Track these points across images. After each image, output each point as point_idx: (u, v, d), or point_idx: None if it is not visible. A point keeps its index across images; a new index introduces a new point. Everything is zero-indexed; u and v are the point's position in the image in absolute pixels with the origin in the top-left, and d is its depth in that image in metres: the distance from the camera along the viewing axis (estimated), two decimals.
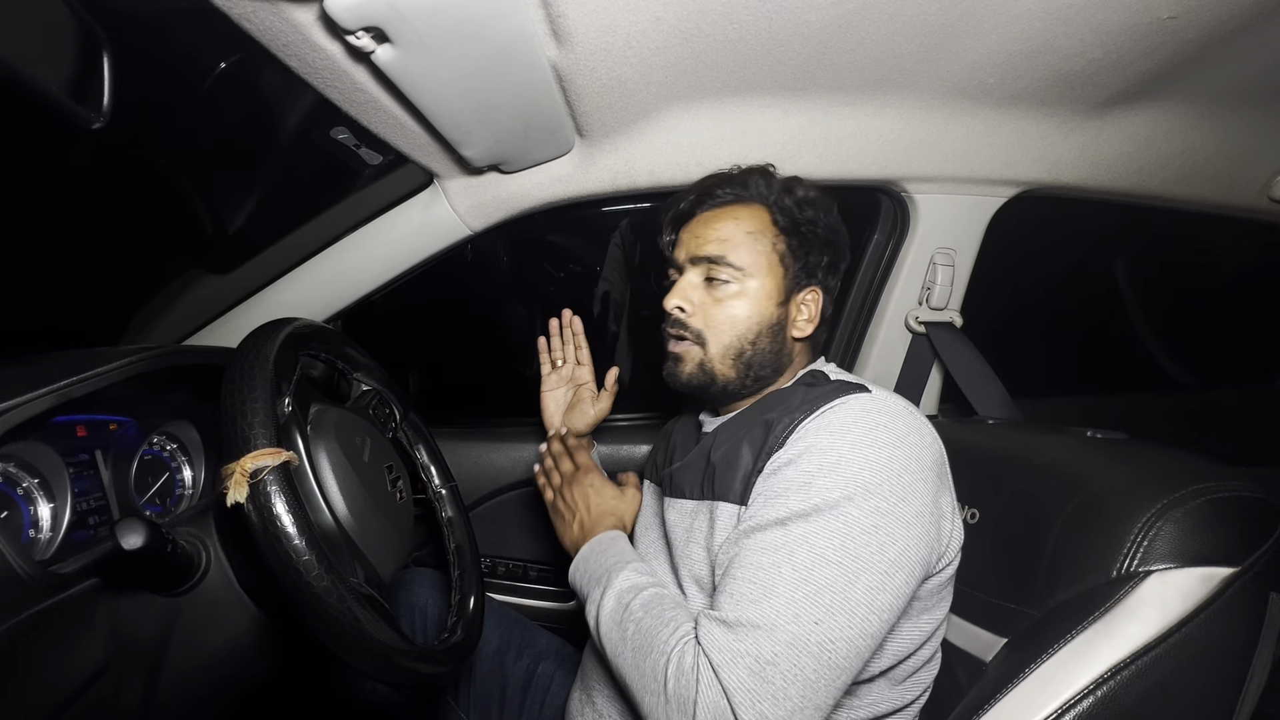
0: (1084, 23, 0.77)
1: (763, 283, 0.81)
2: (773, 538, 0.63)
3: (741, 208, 0.84)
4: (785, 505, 0.64)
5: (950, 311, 1.18)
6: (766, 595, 0.60)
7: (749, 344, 0.81)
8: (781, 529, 0.63)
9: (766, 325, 0.81)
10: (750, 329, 0.81)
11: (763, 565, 0.62)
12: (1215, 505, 0.62)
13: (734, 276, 0.81)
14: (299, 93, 0.97)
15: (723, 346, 0.81)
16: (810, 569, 0.60)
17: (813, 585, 0.60)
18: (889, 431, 0.67)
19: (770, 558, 0.62)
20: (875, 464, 0.64)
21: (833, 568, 0.60)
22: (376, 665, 0.60)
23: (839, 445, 0.66)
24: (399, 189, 1.05)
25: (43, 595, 0.55)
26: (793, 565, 0.61)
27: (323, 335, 0.79)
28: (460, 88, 0.72)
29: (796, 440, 0.69)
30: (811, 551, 0.61)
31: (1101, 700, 0.57)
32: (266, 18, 0.61)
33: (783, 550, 0.62)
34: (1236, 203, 1.21)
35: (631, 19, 0.70)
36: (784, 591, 0.60)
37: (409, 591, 1.03)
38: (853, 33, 0.78)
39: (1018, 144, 1.03)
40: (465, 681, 0.99)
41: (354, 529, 0.69)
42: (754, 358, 0.81)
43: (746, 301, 0.81)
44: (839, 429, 0.67)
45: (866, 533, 0.62)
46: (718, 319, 0.81)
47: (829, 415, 0.69)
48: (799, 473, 0.66)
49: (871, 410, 0.69)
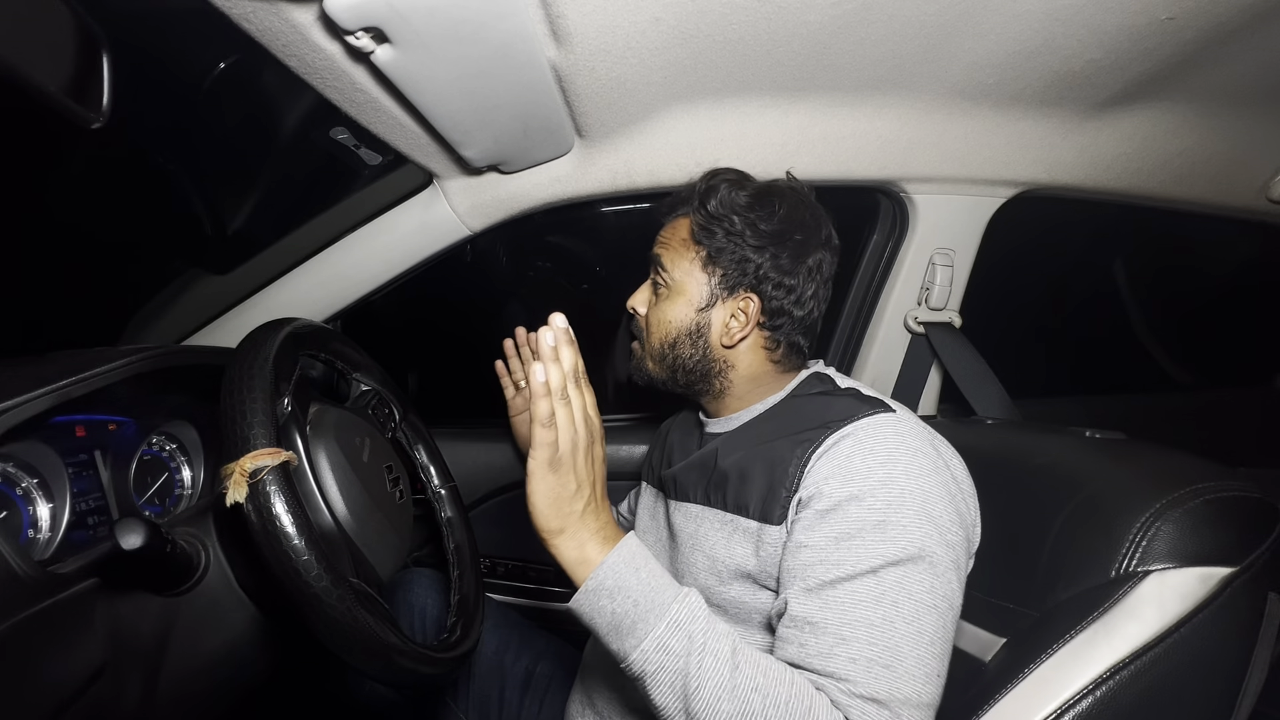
0: (1083, 23, 0.77)
1: (684, 290, 0.81)
2: (869, 589, 0.61)
3: (684, 216, 0.85)
4: (868, 550, 0.62)
5: (949, 312, 1.18)
6: (896, 658, 0.58)
7: (669, 348, 0.82)
8: (875, 579, 0.61)
9: (684, 332, 0.81)
10: (669, 333, 0.82)
11: (874, 623, 0.59)
12: (1214, 505, 0.62)
13: (664, 281, 0.83)
14: (299, 93, 0.97)
15: (651, 348, 0.85)
16: (919, 619, 0.60)
17: (926, 637, 0.60)
18: (926, 457, 0.67)
19: (879, 612, 0.60)
20: (932, 494, 0.65)
21: (933, 614, 0.60)
22: (376, 665, 0.60)
23: (895, 477, 0.65)
24: (398, 189, 1.05)
25: (42, 595, 0.55)
26: (904, 619, 0.60)
27: (322, 335, 0.79)
28: (459, 88, 0.73)
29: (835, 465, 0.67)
30: (912, 600, 0.60)
31: (1101, 700, 0.57)
32: (266, 18, 0.61)
33: (886, 602, 0.60)
34: (1235, 203, 1.21)
35: (631, 19, 0.70)
36: (909, 651, 0.59)
37: (408, 592, 1.03)
38: (852, 33, 0.78)
39: (1017, 144, 1.03)
40: (464, 682, 0.99)
41: (353, 529, 0.69)
42: (676, 362, 0.83)
43: (670, 306, 0.82)
44: (887, 459, 0.66)
45: (947, 569, 0.62)
46: (650, 321, 0.85)
47: (861, 436, 0.68)
48: (868, 510, 0.64)
49: (905, 434, 0.68)
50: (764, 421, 0.80)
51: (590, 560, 0.61)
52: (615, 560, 0.60)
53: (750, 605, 0.72)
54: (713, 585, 0.75)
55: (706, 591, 0.76)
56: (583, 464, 0.61)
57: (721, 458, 0.79)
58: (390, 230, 1.06)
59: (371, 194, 1.07)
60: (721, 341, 0.81)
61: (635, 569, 0.61)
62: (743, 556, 0.72)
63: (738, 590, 0.73)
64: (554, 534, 0.61)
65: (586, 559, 0.61)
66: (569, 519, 0.61)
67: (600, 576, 0.60)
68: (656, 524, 0.91)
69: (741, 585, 0.73)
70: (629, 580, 0.60)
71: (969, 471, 0.73)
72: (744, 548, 0.72)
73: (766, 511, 0.71)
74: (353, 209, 1.08)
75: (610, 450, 1.30)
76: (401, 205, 1.05)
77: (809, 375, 0.83)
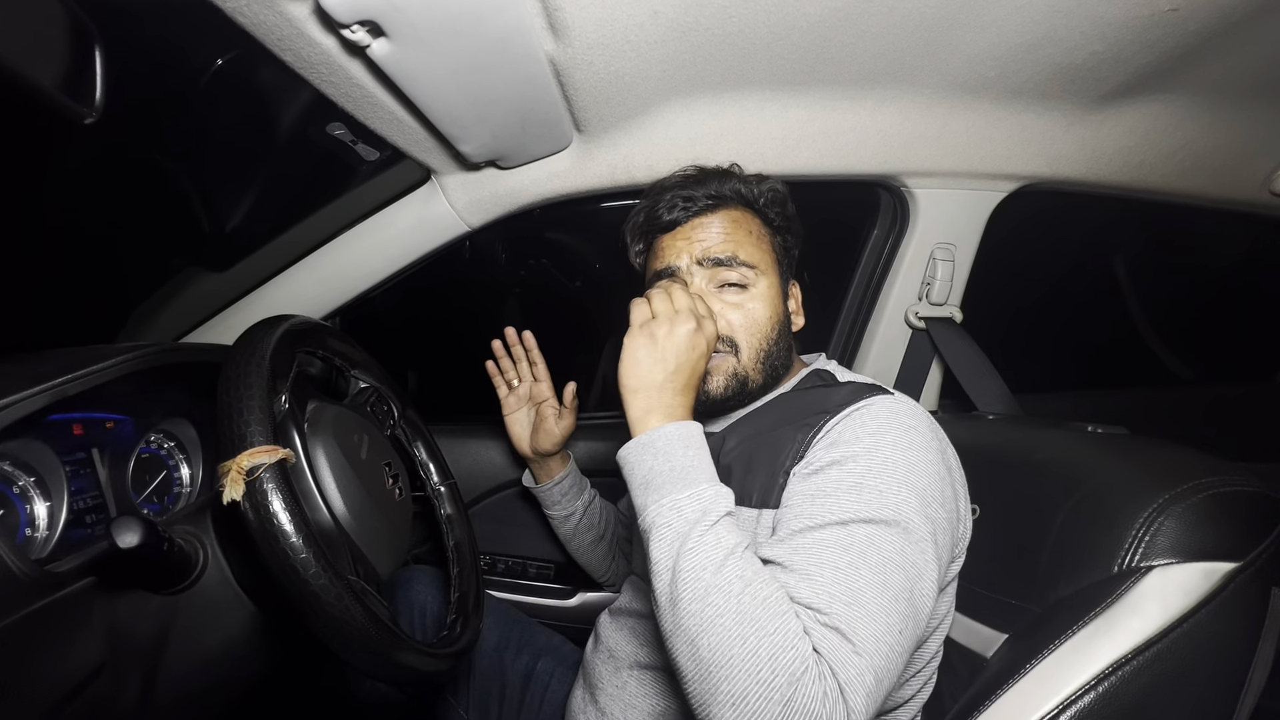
0: (1085, 15, 0.76)
1: (771, 280, 0.81)
2: (836, 536, 0.60)
3: (732, 209, 0.83)
4: (840, 506, 0.62)
5: (950, 307, 1.18)
6: (858, 599, 0.56)
7: (772, 344, 0.80)
8: (844, 529, 0.60)
9: (779, 322, 0.81)
10: (772, 328, 0.80)
11: (839, 565, 0.58)
12: (1216, 500, 0.61)
13: (747, 277, 0.79)
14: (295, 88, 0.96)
15: (754, 351, 0.79)
16: (884, 572, 0.58)
17: (890, 590, 0.57)
18: (920, 435, 0.67)
19: (843, 557, 0.58)
20: (917, 465, 0.64)
21: (900, 573, 0.59)
22: (375, 663, 0.60)
23: (881, 446, 0.64)
24: (396, 185, 1.04)
25: (39, 594, 0.54)
26: (869, 566, 0.58)
27: (320, 332, 0.79)
28: (457, 82, 0.72)
29: (831, 441, 0.68)
30: (880, 555, 0.59)
31: (1103, 696, 0.57)
32: (260, 11, 0.60)
33: (854, 550, 0.59)
34: (1237, 197, 1.21)
35: (629, 13, 0.70)
36: (872, 597, 0.57)
37: (408, 589, 1.03)
38: (852, 26, 0.77)
39: (1018, 138, 1.03)
40: (464, 679, 0.99)
41: (352, 526, 0.69)
42: (775, 357, 0.80)
43: (764, 302, 0.79)
44: (876, 430, 0.66)
45: (921, 540, 0.61)
46: (744, 324, 0.78)
47: (859, 415, 0.68)
48: (846, 474, 0.63)
49: (900, 413, 0.68)
50: (764, 413, 0.80)
51: (650, 423, 0.66)
52: (672, 431, 0.64)
53: None
54: None
55: None
56: (681, 345, 0.67)
57: (724, 453, 0.78)
58: (388, 226, 1.06)
59: (369, 190, 1.07)
60: (794, 328, 0.84)
61: (686, 445, 0.64)
62: None
63: None
64: (629, 391, 0.67)
65: (648, 421, 0.66)
66: (647, 384, 0.67)
67: (653, 437, 0.64)
68: None
69: None
70: (676, 451, 0.63)
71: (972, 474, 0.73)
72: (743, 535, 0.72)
73: (765, 497, 0.71)
74: (350, 205, 1.07)
75: (606, 448, 1.29)
76: (399, 201, 1.05)
77: (811, 371, 0.83)
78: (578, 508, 1.09)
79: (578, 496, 1.10)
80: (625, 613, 0.87)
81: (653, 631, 0.81)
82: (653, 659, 0.79)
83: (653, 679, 0.78)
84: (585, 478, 1.14)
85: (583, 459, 1.29)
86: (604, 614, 0.93)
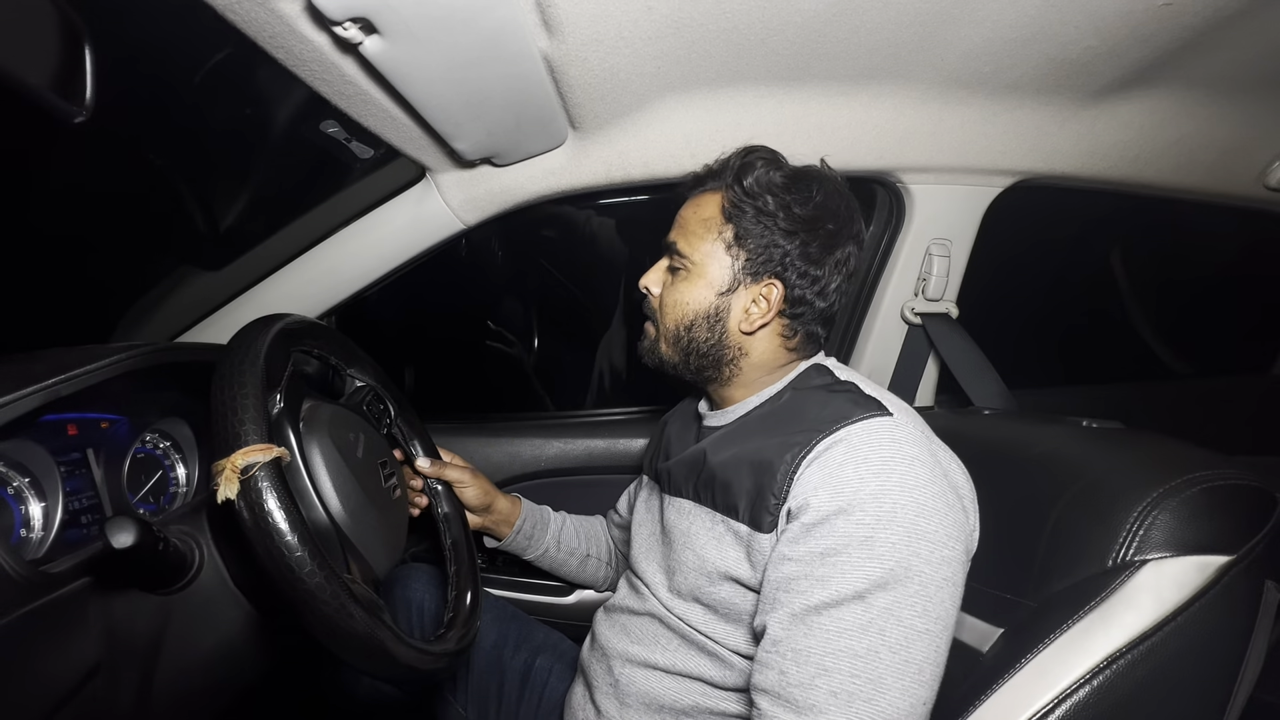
0: (1079, 10, 0.76)
1: (705, 272, 0.79)
2: (855, 616, 0.59)
3: (706, 194, 0.82)
4: (855, 570, 0.60)
5: (946, 303, 1.18)
6: (879, 690, 0.57)
7: (685, 330, 0.80)
8: (862, 604, 0.59)
9: (703, 314, 0.79)
10: (687, 315, 0.80)
11: (859, 653, 0.58)
12: (1211, 494, 0.62)
13: (682, 264, 0.80)
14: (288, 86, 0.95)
15: (666, 330, 0.82)
16: (907, 647, 0.58)
17: (913, 665, 0.58)
18: (923, 466, 0.64)
19: (863, 642, 0.58)
20: (926, 507, 0.62)
21: (924, 639, 0.59)
22: (372, 662, 0.60)
23: (886, 487, 0.62)
24: (391, 183, 1.04)
25: (34, 595, 0.54)
26: (890, 648, 0.58)
27: (315, 331, 0.79)
28: (450, 79, 0.72)
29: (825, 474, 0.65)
30: (901, 626, 0.59)
31: (1098, 689, 0.57)
32: (251, 9, 0.60)
33: (872, 631, 0.58)
34: (1233, 191, 1.21)
35: (623, 8, 0.69)
36: (893, 681, 0.57)
37: (405, 587, 1.03)
38: (846, 21, 0.77)
39: (1013, 133, 1.02)
40: (463, 676, 0.99)
41: (348, 525, 0.69)
42: (690, 345, 0.80)
43: (689, 288, 0.80)
44: (878, 466, 0.63)
45: (940, 588, 0.61)
46: (665, 302, 0.82)
47: (854, 444, 0.66)
48: (855, 525, 0.61)
49: (901, 440, 0.66)
50: (756, 419, 0.78)
51: None
52: None
53: (740, 607, 0.72)
54: (703, 585, 0.75)
55: (696, 590, 0.75)
56: None
57: (711, 455, 0.78)
58: (383, 225, 1.06)
59: (364, 188, 1.06)
60: (740, 327, 0.78)
61: None
62: (734, 561, 0.72)
63: (727, 592, 0.73)
64: None
65: None
66: None
67: None
68: (651, 518, 0.91)
69: (731, 587, 0.72)
70: None
71: (967, 469, 0.72)
72: (735, 552, 0.72)
73: (756, 518, 0.69)
74: (345, 203, 1.07)
75: (608, 444, 1.29)
76: (394, 199, 1.04)
77: (809, 367, 0.81)
78: (547, 543, 1.06)
79: (544, 532, 1.06)
80: (619, 610, 0.87)
81: (645, 628, 0.82)
82: (645, 655, 0.79)
83: (645, 675, 0.79)
84: (543, 507, 1.09)
85: (581, 457, 1.29)
86: (599, 611, 0.93)
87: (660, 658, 0.78)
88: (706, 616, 0.75)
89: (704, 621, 0.75)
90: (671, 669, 0.77)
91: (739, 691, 0.73)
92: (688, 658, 0.76)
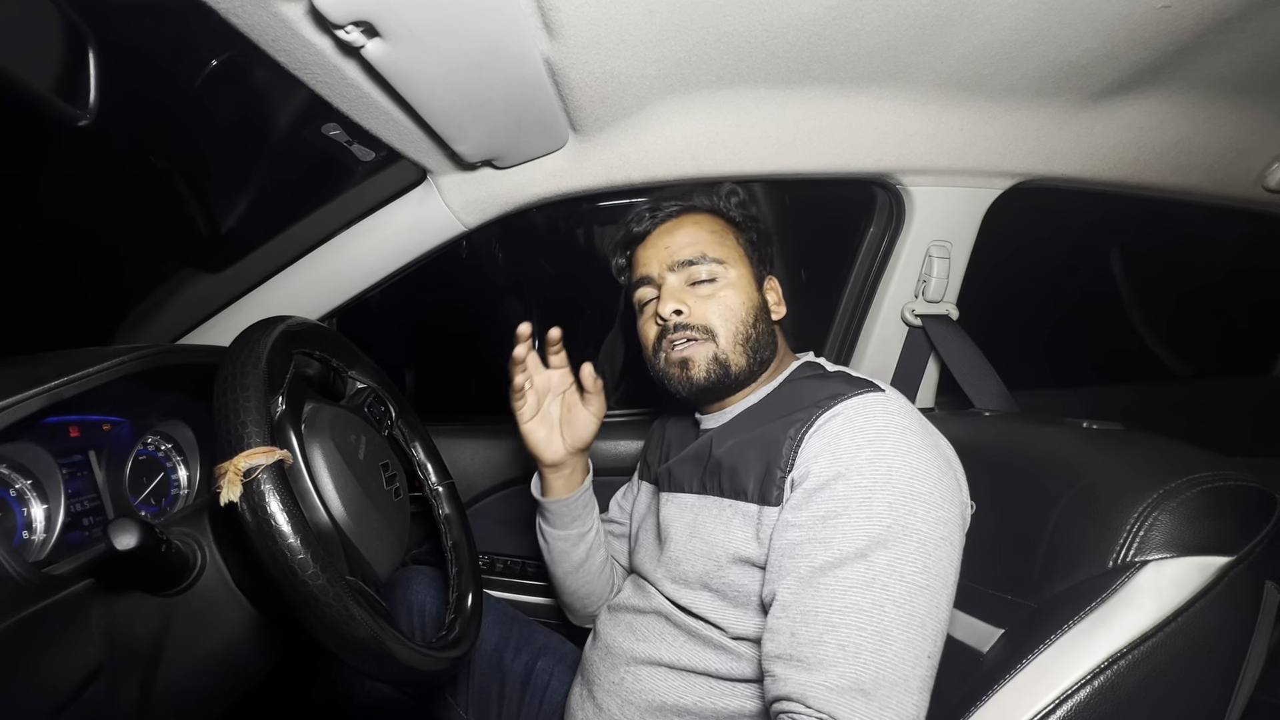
0: (1078, 13, 0.76)
1: (740, 271, 0.85)
2: (858, 574, 0.62)
3: (695, 215, 0.89)
4: (855, 530, 0.63)
5: (946, 304, 1.18)
6: (885, 642, 0.59)
7: (750, 326, 0.83)
8: (864, 562, 0.62)
9: (756, 307, 0.84)
10: (748, 313, 0.83)
11: (864, 608, 0.60)
12: (1211, 495, 0.62)
13: (715, 272, 0.84)
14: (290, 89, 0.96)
15: (731, 334, 0.82)
16: (909, 600, 0.60)
17: (917, 619, 0.60)
18: (915, 435, 0.68)
19: (868, 597, 0.61)
20: (920, 470, 0.65)
21: (925, 594, 0.61)
22: (374, 664, 0.60)
23: (882, 452, 0.65)
24: (392, 185, 1.04)
25: (37, 597, 0.54)
26: (894, 602, 0.60)
27: (316, 333, 0.79)
28: (452, 82, 0.72)
29: (824, 442, 0.69)
30: (903, 581, 0.61)
31: (1099, 690, 0.57)
32: (254, 12, 0.60)
33: (876, 586, 0.61)
34: (1232, 193, 1.21)
35: (624, 12, 0.70)
36: (898, 633, 0.59)
37: (406, 589, 1.03)
38: (847, 24, 0.78)
39: (1013, 136, 1.03)
40: (464, 679, 0.99)
41: (350, 527, 0.69)
42: (756, 341, 0.83)
43: (735, 290, 0.84)
44: (873, 434, 0.67)
45: (938, 546, 0.63)
46: (716, 311, 0.83)
47: (850, 415, 0.69)
48: (853, 488, 0.65)
49: (894, 411, 0.69)
50: (757, 409, 0.82)
51: None
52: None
53: (749, 589, 0.73)
54: (710, 570, 0.76)
55: (705, 577, 0.76)
56: None
57: (716, 446, 0.80)
58: (384, 227, 1.06)
59: (365, 190, 1.07)
60: (774, 316, 0.87)
61: None
62: (742, 541, 0.73)
63: (736, 574, 0.74)
64: None
65: None
66: None
67: None
68: (651, 519, 0.91)
69: (740, 569, 0.74)
70: None
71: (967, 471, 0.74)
72: (743, 532, 0.73)
73: (764, 493, 0.72)
74: (346, 206, 1.07)
75: (608, 446, 1.30)
76: (395, 202, 1.05)
77: (800, 364, 0.85)
78: (593, 523, 0.99)
79: (594, 510, 0.99)
80: (624, 609, 0.88)
81: (651, 625, 0.82)
82: (650, 654, 0.79)
83: (650, 673, 0.79)
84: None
85: None
86: (603, 610, 0.93)
87: (666, 654, 0.78)
88: (715, 603, 0.76)
89: (712, 609, 0.76)
90: (676, 664, 0.77)
91: (744, 683, 0.74)
92: (693, 653, 0.77)
